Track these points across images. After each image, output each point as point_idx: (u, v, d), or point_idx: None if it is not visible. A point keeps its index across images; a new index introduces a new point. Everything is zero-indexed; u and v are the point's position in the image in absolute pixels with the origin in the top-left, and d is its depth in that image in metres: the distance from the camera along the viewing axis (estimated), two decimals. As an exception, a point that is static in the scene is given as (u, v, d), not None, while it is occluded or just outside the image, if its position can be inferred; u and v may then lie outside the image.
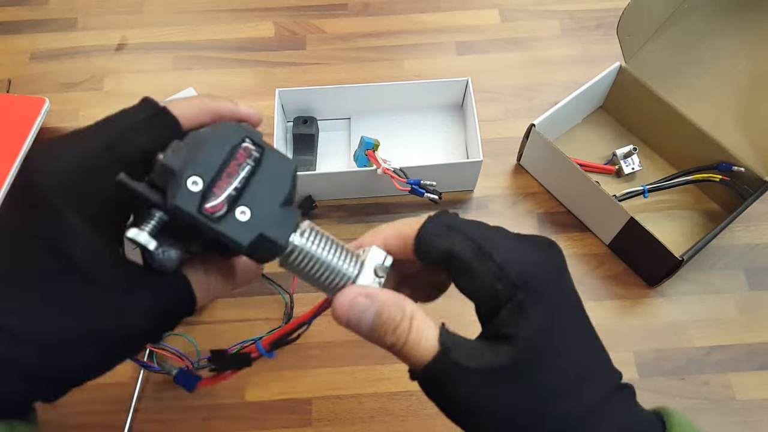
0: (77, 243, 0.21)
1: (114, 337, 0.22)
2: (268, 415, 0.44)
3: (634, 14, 0.48)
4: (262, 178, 0.22)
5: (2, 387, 0.21)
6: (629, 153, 0.52)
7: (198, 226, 0.21)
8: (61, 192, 0.21)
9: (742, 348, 0.46)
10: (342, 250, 0.23)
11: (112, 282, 0.22)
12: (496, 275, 0.22)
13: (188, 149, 0.22)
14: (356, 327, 0.23)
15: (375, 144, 0.50)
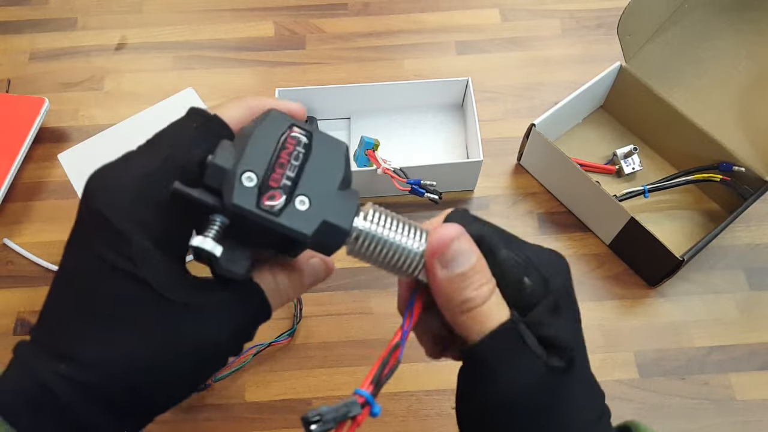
0: (146, 265, 0.21)
1: (196, 357, 0.22)
2: (268, 415, 0.44)
3: (634, 14, 0.48)
4: (315, 164, 0.21)
5: (91, 420, 0.21)
6: (629, 153, 0.52)
7: (259, 222, 0.20)
8: (125, 215, 0.21)
9: (743, 348, 0.46)
10: (409, 227, 0.22)
11: (186, 301, 0.21)
12: (524, 267, 0.22)
13: (237, 146, 0.21)
14: (449, 263, 0.21)
15: (375, 144, 0.50)
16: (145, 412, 0.23)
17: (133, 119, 0.45)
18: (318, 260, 0.25)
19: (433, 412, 0.44)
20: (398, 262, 0.22)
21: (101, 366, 0.21)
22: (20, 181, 0.54)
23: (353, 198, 0.22)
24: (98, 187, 0.22)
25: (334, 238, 0.22)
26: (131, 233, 0.21)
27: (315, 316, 0.47)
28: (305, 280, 0.25)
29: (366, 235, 0.22)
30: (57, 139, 0.57)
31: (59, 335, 0.22)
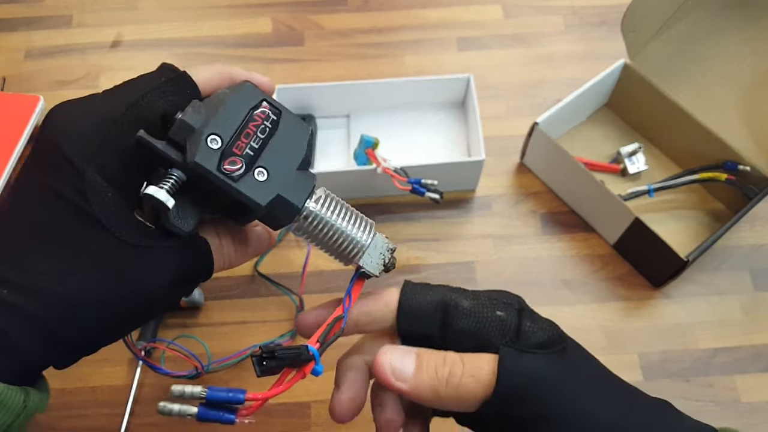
0: (98, 201, 0.21)
1: (135, 297, 0.22)
2: (266, 418, 0.43)
3: (638, 10, 0.48)
4: (279, 140, 0.22)
5: (22, 344, 0.21)
6: (634, 151, 0.52)
7: (216, 184, 0.21)
8: (81, 151, 0.21)
9: (748, 350, 0.46)
10: (357, 216, 0.24)
11: (134, 241, 0.22)
12: (491, 305, 0.24)
13: (208, 108, 0.22)
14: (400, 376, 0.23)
15: (375, 142, 0.49)
16: (78, 347, 0.23)
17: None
18: (261, 229, 0.26)
19: (435, 416, 0.43)
20: (341, 247, 0.24)
21: (44, 294, 0.21)
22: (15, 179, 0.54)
23: (310, 180, 0.23)
24: (59, 123, 0.22)
25: (284, 213, 0.23)
26: (86, 170, 0.21)
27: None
28: (248, 248, 0.25)
29: (315, 216, 0.23)
30: (52, 138, 0.56)
31: (2, 262, 0.22)
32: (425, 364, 0.23)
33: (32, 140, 0.23)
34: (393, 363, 0.23)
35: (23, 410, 0.22)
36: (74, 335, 0.22)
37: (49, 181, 0.21)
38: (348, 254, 0.24)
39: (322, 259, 0.49)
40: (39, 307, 0.21)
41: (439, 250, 0.50)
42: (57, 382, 0.45)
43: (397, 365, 0.23)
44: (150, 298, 0.23)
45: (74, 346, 0.23)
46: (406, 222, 0.51)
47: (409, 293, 0.25)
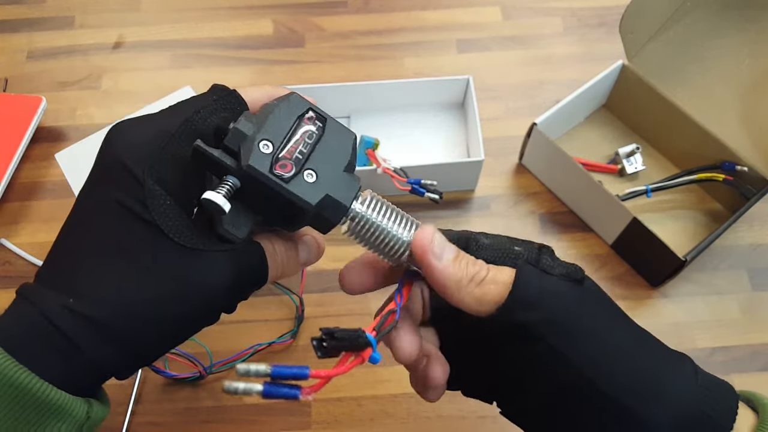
0: (157, 209, 0.22)
1: (193, 301, 0.23)
2: (267, 417, 0.43)
3: (636, 12, 0.48)
4: (325, 145, 0.24)
5: (87, 352, 0.22)
6: (632, 152, 0.52)
7: (269, 185, 0.22)
8: (141, 163, 0.22)
9: (745, 349, 0.46)
10: (402, 216, 0.25)
11: (191, 245, 0.22)
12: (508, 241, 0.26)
13: (258, 119, 0.23)
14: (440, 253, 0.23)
15: (375, 143, 0.50)
16: (140, 354, 0.24)
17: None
18: (311, 238, 0.26)
19: (434, 414, 0.43)
20: (387, 247, 0.24)
21: (108, 301, 0.22)
22: (17, 180, 0.54)
23: (355, 182, 0.24)
24: (120, 137, 0.23)
25: (333, 213, 0.23)
26: (146, 179, 0.22)
27: (315, 318, 0.47)
28: (300, 255, 0.26)
29: (362, 217, 0.24)
30: (54, 139, 0.56)
31: (67, 273, 0.23)
32: (461, 256, 0.24)
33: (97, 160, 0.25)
34: (438, 240, 0.24)
35: (86, 421, 0.22)
36: (136, 341, 0.23)
37: (112, 192, 0.22)
38: (395, 254, 0.25)
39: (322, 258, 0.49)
40: (102, 314, 0.22)
41: (438, 249, 0.50)
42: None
43: (440, 242, 0.24)
44: (208, 301, 0.23)
45: (136, 353, 0.23)
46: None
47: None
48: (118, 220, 0.22)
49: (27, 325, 0.22)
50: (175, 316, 0.23)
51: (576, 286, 0.24)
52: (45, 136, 0.56)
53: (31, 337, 0.22)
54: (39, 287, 0.23)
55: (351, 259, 0.46)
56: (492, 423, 0.43)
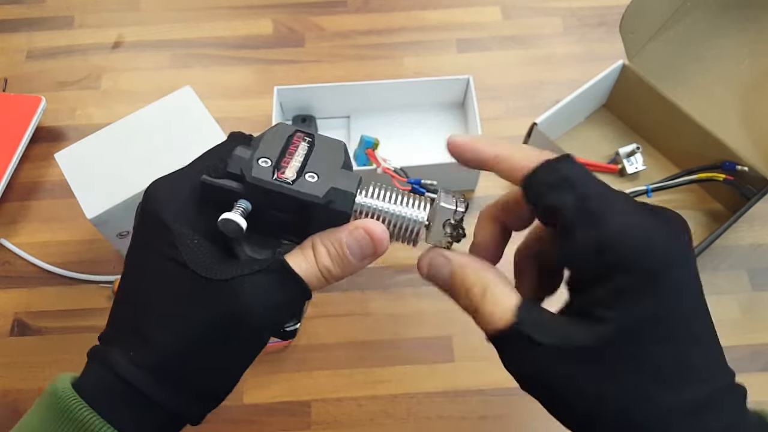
0: (185, 249, 0.24)
1: (238, 330, 0.24)
2: (266, 417, 0.43)
3: (636, 12, 0.48)
4: (319, 153, 0.25)
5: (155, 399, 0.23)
6: (632, 152, 0.52)
7: (276, 191, 0.24)
8: (171, 212, 0.25)
9: (745, 349, 0.46)
10: (409, 197, 0.25)
11: (220, 277, 0.24)
12: (598, 248, 0.20)
13: (253, 145, 0.25)
14: (435, 281, 0.25)
15: (375, 143, 0.50)
16: (204, 393, 0.25)
17: (131, 118, 0.45)
18: (360, 231, 0.24)
19: (434, 415, 0.43)
20: (401, 230, 0.25)
21: (159, 346, 0.23)
22: (17, 180, 0.54)
23: (355, 176, 0.25)
24: (154, 194, 0.26)
25: (343, 203, 0.24)
26: (174, 226, 0.24)
27: (314, 318, 0.47)
28: (345, 251, 0.24)
29: (368, 207, 0.25)
30: (54, 139, 0.56)
31: (125, 327, 0.24)
32: (437, 261, 0.25)
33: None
34: (430, 267, 0.25)
35: None
36: (195, 382, 0.24)
37: (150, 244, 0.25)
38: (411, 235, 0.25)
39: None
40: (159, 360, 0.23)
41: (438, 250, 0.50)
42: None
43: (433, 270, 0.25)
44: (252, 326, 0.24)
45: (198, 393, 0.24)
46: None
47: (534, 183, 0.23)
48: (158, 268, 0.24)
49: (99, 382, 0.24)
50: (224, 349, 0.24)
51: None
52: (44, 136, 0.56)
53: (105, 394, 0.23)
54: (103, 346, 0.25)
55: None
56: (492, 422, 0.43)
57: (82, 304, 0.48)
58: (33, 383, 0.45)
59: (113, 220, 0.41)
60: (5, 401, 0.44)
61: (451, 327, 0.46)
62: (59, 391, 0.23)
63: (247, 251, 0.25)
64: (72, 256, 0.50)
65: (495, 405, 0.43)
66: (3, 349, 0.46)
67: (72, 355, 0.46)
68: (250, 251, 0.25)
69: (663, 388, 0.20)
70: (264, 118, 0.57)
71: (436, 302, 0.47)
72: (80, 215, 0.40)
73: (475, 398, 0.44)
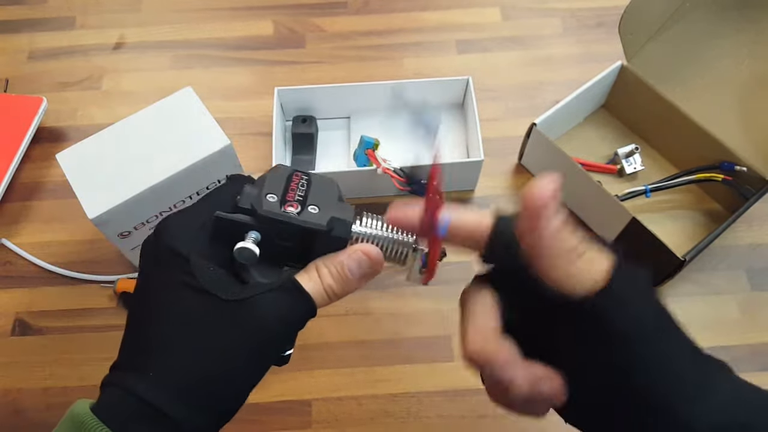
0: (202, 276, 0.26)
1: (253, 345, 0.26)
2: (267, 416, 0.43)
3: (635, 13, 0.48)
4: (316, 188, 0.29)
5: (180, 418, 0.24)
6: (631, 152, 0.52)
7: (284, 222, 0.27)
8: (186, 245, 0.26)
9: (744, 349, 0.46)
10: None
11: (237, 297, 0.25)
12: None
13: (258, 184, 0.29)
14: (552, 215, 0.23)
15: (375, 143, 0.50)
16: (226, 407, 0.26)
17: (132, 118, 0.45)
18: (359, 253, 0.28)
19: (434, 414, 0.43)
20: (394, 254, 0.29)
21: (179, 366, 0.25)
22: (18, 181, 0.54)
23: (351, 207, 0.29)
24: (167, 228, 0.27)
25: (342, 230, 0.28)
26: (191, 256, 0.26)
27: (315, 318, 0.47)
28: (349, 269, 0.28)
29: (364, 235, 0.28)
30: (55, 139, 0.57)
31: (142, 352, 0.26)
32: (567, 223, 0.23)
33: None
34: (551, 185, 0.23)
35: None
36: (214, 399, 0.25)
37: (166, 273, 0.26)
38: (401, 257, 0.29)
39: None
40: (179, 379, 0.24)
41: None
42: (59, 381, 0.45)
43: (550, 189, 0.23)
44: (270, 341, 0.26)
45: (218, 411, 0.26)
46: (406, 222, 0.52)
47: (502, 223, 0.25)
48: (175, 295, 0.26)
49: (120, 407, 0.24)
50: (239, 365, 0.25)
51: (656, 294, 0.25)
52: (46, 137, 0.56)
53: (129, 415, 0.24)
54: (118, 373, 0.26)
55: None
56: (492, 422, 0.43)
57: (84, 304, 0.48)
58: (34, 383, 0.45)
59: (114, 220, 0.41)
60: (5, 401, 0.45)
61: (451, 327, 0.46)
62: (77, 415, 0.24)
63: (257, 277, 0.27)
64: (73, 256, 0.50)
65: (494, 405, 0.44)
66: (4, 348, 0.46)
67: (73, 355, 0.46)
68: (258, 277, 0.27)
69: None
70: (265, 119, 0.57)
71: (436, 302, 0.48)
72: (81, 215, 0.40)
73: (475, 397, 0.44)
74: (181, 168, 0.42)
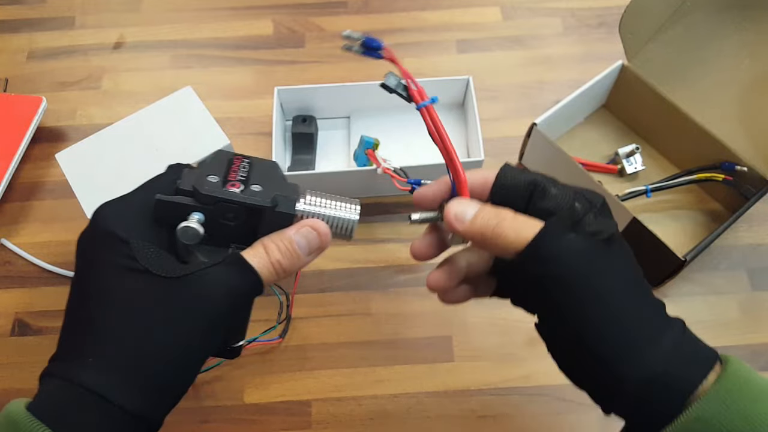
0: (143, 257, 0.25)
1: (199, 323, 0.25)
2: (267, 417, 0.43)
3: (636, 12, 0.48)
4: (258, 170, 0.29)
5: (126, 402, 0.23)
6: (632, 152, 0.52)
7: (227, 200, 0.26)
8: (126, 228, 0.26)
9: (745, 349, 0.46)
10: (342, 201, 0.30)
11: (180, 274, 0.25)
12: (572, 196, 0.28)
13: (198, 167, 0.29)
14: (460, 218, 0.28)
15: (375, 143, 0.50)
16: (163, 390, 0.25)
17: (131, 118, 0.45)
18: (307, 228, 0.28)
19: (434, 414, 0.43)
20: (340, 228, 0.29)
21: (120, 349, 0.24)
22: (18, 181, 0.54)
23: (294, 185, 0.29)
24: (105, 213, 0.27)
25: (287, 206, 0.28)
26: (131, 239, 0.26)
27: (314, 317, 0.47)
28: (298, 245, 0.28)
29: (309, 212, 0.29)
30: (55, 139, 0.56)
31: (82, 338, 0.25)
32: (481, 214, 0.28)
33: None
34: (456, 209, 0.28)
35: None
36: (158, 378, 0.25)
37: (105, 257, 0.26)
38: (346, 231, 0.30)
39: (322, 258, 0.50)
40: (121, 361, 0.24)
41: (438, 249, 0.50)
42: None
43: (459, 210, 0.28)
44: (210, 319, 0.26)
45: (160, 391, 0.25)
46: (407, 221, 0.51)
47: (506, 172, 0.29)
48: (115, 279, 0.25)
49: (60, 396, 0.24)
50: (184, 343, 0.25)
51: (601, 245, 0.26)
52: (45, 137, 0.56)
53: (69, 405, 0.23)
54: (56, 363, 0.25)
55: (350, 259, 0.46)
56: (491, 422, 0.43)
57: (83, 304, 0.48)
58: (33, 383, 0.45)
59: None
60: (5, 401, 0.44)
61: (451, 327, 0.46)
62: (10, 414, 0.24)
63: (201, 258, 0.27)
64: (73, 256, 0.50)
65: (494, 405, 0.44)
66: (3, 349, 0.46)
67: (73, 355, 0.46)
68: (203, 258, 0.27)
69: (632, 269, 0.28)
70: (265, 119, 0.57)
71: (436, 302, 0.47)
72: (81, 215, 0.40)
73: (475, 398, 0.44)
74: (181, 168, 0.42)
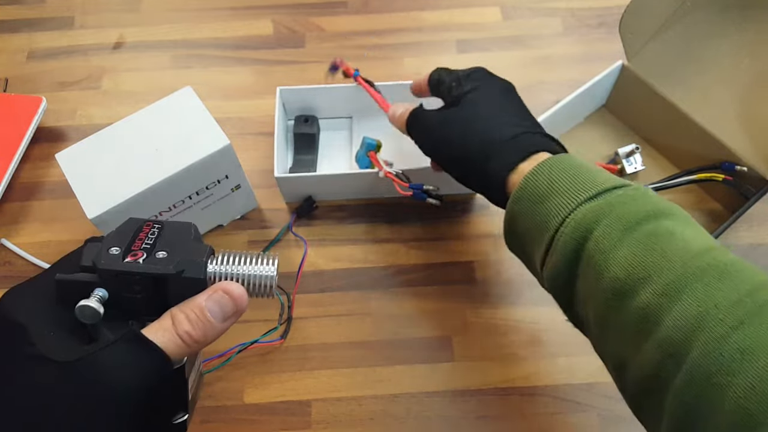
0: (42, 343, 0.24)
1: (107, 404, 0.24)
2: (267, 417, 0.43)
3: (636, 12, 0.48)
4: (168, 233, 0.27)
5: None
6: (631, 152, 0.52)
7: (127, 272, 0.25)
8: (26, 314, 0.25)
9: (745, 349, 0.46)
10: (257, 257, 0.28)
11: (77, 357, 0.24)
12: (454, 78, 0.41)
13: (104, 239, 0.27)
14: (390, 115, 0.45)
15: (377, 145, 0.50)
16: None
17: (131, 118, 0.45)
18: (219, 292, 0.26)
19: (434, 414, 0.43)
20: (256, 286, 0.27)
21: None
22: (18, 181, 0.54)
23: (206, 246, 0.27)
24: (6, 299, 0.26)
25: (195, 271, 0.26)
26: (29, 325, 0.24)
27: (314, 317, 0.47)
28: (206, 314, 0.26)
29: (219, 273, 0.27)
30: (54, 139, 0.56)
31: None
32: (391, 110, 0.45)
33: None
34: (391, 112, 0.45)
35: None
36: None
37: (8, 346, 0.24)
38: (266, 290, 0.27)
39: (322, 258, 0.50)
40: None
41: (439, 249, 0.50)
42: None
43: (392, 111, 0.45)
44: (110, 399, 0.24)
45: None
46: (407, 222, 0.51)
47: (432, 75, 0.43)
48: (15, 368, 0.24)
49: None
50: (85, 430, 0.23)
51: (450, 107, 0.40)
52: (45, 137, 0.56)
53: None
54: None
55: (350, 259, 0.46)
56: (491, 422, 0.43)
57: (83, 304, 0.48)
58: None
59: (114, 220, 0.41)
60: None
61: (451, 327, 0.46)
62: None
63: (110, 337, 0.25)
64: (73, 256, 0.50)
65: (494, 405, 0.44)
66: (4, 349, 0.46)
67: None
68: (112, 336, 0.25)
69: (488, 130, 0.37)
70: (265, 119, 0.57)
71: (436, 302, 0.47)
72: (81, 215, 0.40)
73: (475, 398, 0.44)
74: (181, 168, 0.42)
